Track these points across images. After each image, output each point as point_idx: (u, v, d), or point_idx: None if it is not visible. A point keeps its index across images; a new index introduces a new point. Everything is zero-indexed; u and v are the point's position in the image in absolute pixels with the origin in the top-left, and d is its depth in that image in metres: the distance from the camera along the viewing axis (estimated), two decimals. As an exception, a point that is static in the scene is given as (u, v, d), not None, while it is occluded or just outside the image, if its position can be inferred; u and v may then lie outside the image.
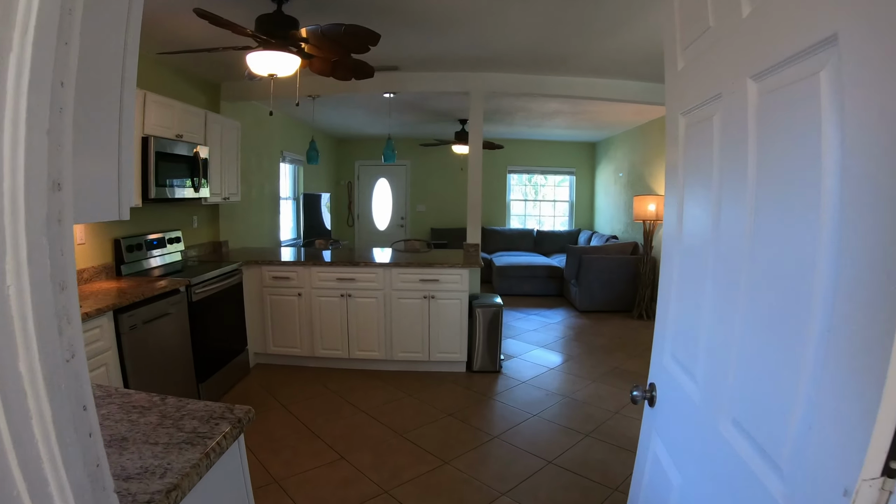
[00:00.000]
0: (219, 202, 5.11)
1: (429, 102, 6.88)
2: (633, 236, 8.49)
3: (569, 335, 6.52)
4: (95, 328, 2.92)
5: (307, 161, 6.30)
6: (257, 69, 3.11)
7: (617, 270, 7.65)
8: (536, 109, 7.32)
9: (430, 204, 11.34)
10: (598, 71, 5.09)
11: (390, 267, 4.87)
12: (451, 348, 4.97)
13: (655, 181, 7.70)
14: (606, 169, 10.28)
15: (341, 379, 4.82)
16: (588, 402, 4.38)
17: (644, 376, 4.71)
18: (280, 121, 7.62)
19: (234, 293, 4.66)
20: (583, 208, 11.22)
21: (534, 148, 10.98)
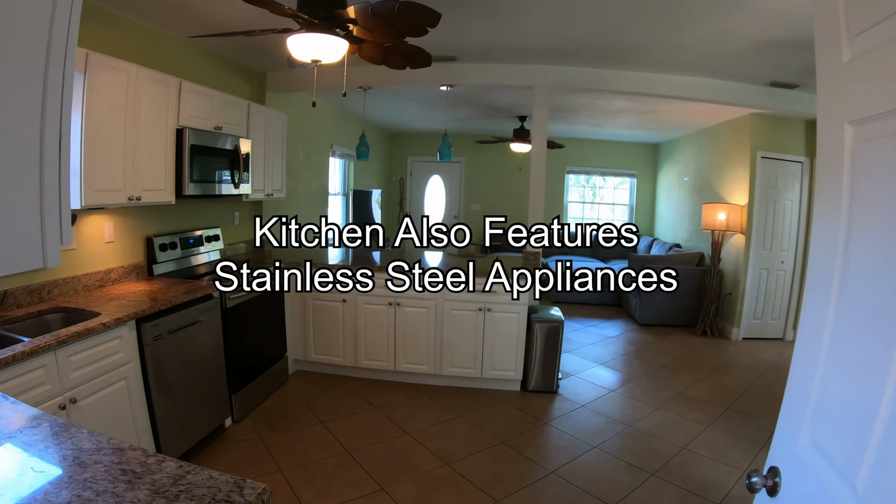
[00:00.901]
0: (261, 199, 4.85)
1: (487, 97, 6.49)
2: (697, 245, 7.92)
3: (629, 352, 6.04)
4: (114, 339, 2.67)
5: (357, 157, 6.02)
6: (299, 54, 2.78)
7: (681, 283, 7.11)
8: (602, 107, 6.83)
9: (485, 203, 10.94)
10: (674, 67, 4.59)
11: (444, 275, 4.51)
12: (506, 365, 4.58)
13: (725, 188, 7.14)
14: (670, 172, 9.69)
15: (385, 393, 4.49)
16: (652, 434, 3.92)
17: (713, 403, 4.21)
18: (330, 113, 7.37)
19: (275, 298, 4.39)
20: (643, 212, 10.65)
21: (594, 148, 10.47)
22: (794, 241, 6.67)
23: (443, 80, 5.01)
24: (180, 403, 3.17)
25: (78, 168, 2.82)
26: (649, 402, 4.53)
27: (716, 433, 3.98)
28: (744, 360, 5.82)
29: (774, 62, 4.20)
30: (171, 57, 3.97)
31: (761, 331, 6.77)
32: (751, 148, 6.45)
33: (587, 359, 5.68)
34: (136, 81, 3.14)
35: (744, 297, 6.62)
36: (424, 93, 6.27)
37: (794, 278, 6.72)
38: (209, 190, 3.87)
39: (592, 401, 4.53)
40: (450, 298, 4.53)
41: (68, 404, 2.39)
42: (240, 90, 4.94)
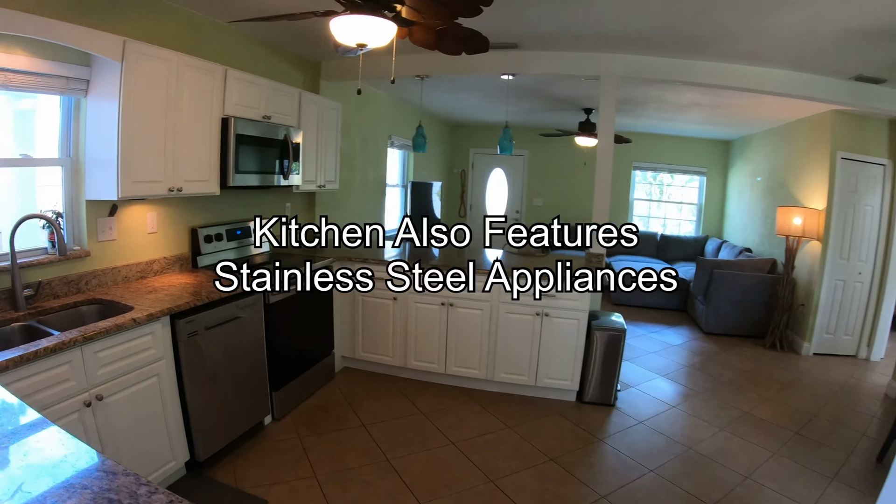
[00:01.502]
0: (313, 190, 4.76)
1: (551, 88, 6.18)
2: (769, 251, 7.35)
3: (693, 363, 5.64)
4: (146, 335, 2.59)
5: (413, 148, 5.85)
6: (343, 38, 2.61)
7: (751, 290, 6.64)
8: (671, 100, 6.39)
9: (548, 198, 10.62)
10: (751, 57, 4.17)
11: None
12: (562, 374, 4.32)
13: (801, 190, 6.57)
14: (741, 171, 9.08)
15: (433, 397, 4.32)
16: (714, 459, 3.58)
17: (780, 426, 3.77)
18: (388, 103, 7.24)
19: (322, 293, 4.28)
20: (712, 213, 10.04)
21: (662, 143, 9.95)
22: (873, 251, 6.08)
23: (503, 69, 4.76)
24: (216, 401, 3.09)
25: (114, 159, 2.76)
26: (712, 422, 4.17)
27: (782, 462, 3.60)
28: (814, 379, 5.33)
29: (862, 54, 3.75)
30: (217, 45, 3.89)
31: (833, 347, 6.21)
32: (830, 148, 5.90)
33: (648, 368, 5.34)
34: (178, 70, 3.06)
35: (817, 309, 6.07)
36: (485, 82, 6.02)
37: (872, 291, 6.13)
38: (256, 181, 3.78)
39: (651, 417, 4.22)
40: (505, 301, 4.30)
41: (94, 401, 2.33)
42: (293, 79, 4.86)
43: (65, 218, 2.97)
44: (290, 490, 2.97)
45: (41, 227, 2.83)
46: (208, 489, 2.91)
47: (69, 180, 2.98)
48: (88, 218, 3.03)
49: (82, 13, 2.80)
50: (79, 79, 2.86)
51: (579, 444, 3.69)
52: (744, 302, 6.68)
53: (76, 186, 3.00)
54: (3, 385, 1.93)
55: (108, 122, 2.79)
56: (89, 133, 2.92)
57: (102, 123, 2.84)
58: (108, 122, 2.79)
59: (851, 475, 3.48)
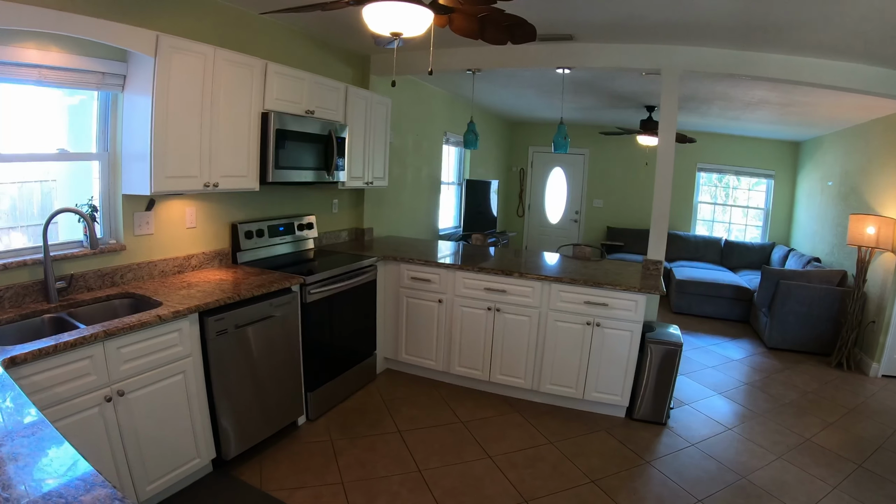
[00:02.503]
0: (360, 187, 4.72)
1: (610, 83, 5.93)
2: (839, 261, 6.82)
3: (753, 380, 5.27)
4: (172, 332, 2.58)
5: (464, 145, 5.74)
6: (377, 27, 2.51)
7: (819, 304, 6.16)
8: (738, 97, 6.01)
9: (609, 199, 10.30)
10: (825, 49, 3.84)
11: (550, 282, 4.10)
12: (612, 389, 4.11)
13: (876, 197, 6.05)
14: (811, 175, 8.49)
15: (475, 405, 4.19)
16: (768, 491, 3.27)
17: (842, 458, 3.47)
18: (442, 99, 7.15)
19: (366, 292, 4.23)
20: (779, 219, 9.46)
21: (728, 144, 9.47)
22: None
23: (557, 62, 4.56)
24: (245, 401, 3.07)
25: (147, 154, 2.77)
26: (769, 448, 3.86)
27: (842, 498, 3.26)
28: (882, 405, 4.88)
29: None
30: (262, 40, 3.88)
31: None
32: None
33: (705, 384, 5.03)
34: (215, 64, 3.05)
35: (889, 327, 5.52)
36: (541, 77, 5.83)
37: None
38: (298, 177, 3.76)
39: (704, 439, 3.94)
40: (555, 308, 4.12)
41: (115, 396, 2.33)
42: (341, 74, 4.82)
43: (101, 212, 3.01)
44: (314, 496, 2.91)
45: (77, 221, 2.88)
46: (231, 489, 2.89)
47: (106, 175, 3.02)
48: (125, 212, 3.06)
49: (123, 11, 2.83)
50: (115, 74, 2.88)
51: (624, 466, 3.48)
52: (810, 316, 6.24)
53: (113, 181, 3.03)
54: (21, 378, 1.95)
55: (142, 117, 2.81)
56: (125, 128, 2.95)
57: (137, 118, 2.86)
58: (142, 118, 2.81)
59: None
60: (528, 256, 5.10)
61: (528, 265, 4.52)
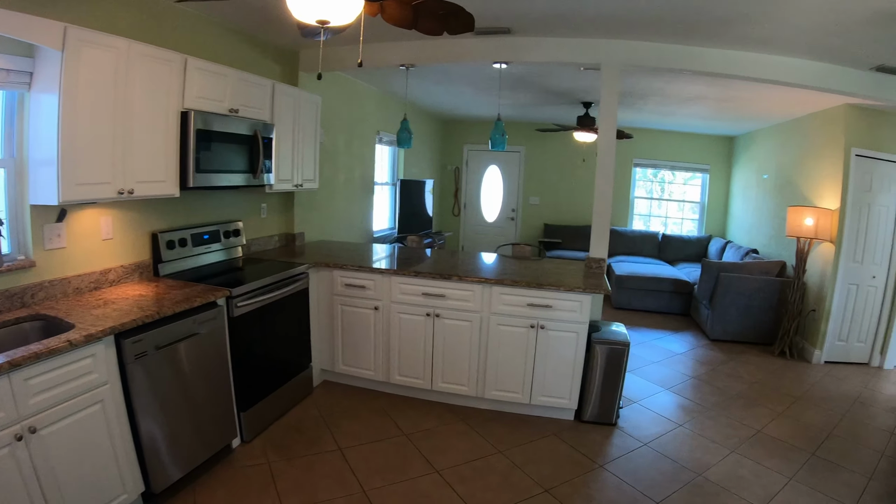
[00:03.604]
0: (290, 189, 4.55)
1: (546, 79, 5.98)
2: (776, 252, 7.18)
3: (699, 373, 5.44)
4: (85, 358, 2.37)
5: (398, 144, 5.63)
6: (302, 14, 2.36)
7: (759, 294, 6.48)
8: (675, 93, 6.20)
9: (545, 196, 10.45)
10: (767, 44, 3.98)
11: (491, 285, 4.07)
12: (559, 392, 4.11)
13: (812, 189, 6.39)
14: (746, 168, 8.93)
15: (418, 416, 4.11)
16: (725, 487, 3.36)
17: (795, 447, 3.52)
18: (374, 97, 7.03)
19: (298, 302, 4.08)
20: (715, 212, 9.93)
21: (663, 139, 9.81)
22: (888, 254, 5.91)
23: (494, 56, 4.53)
24: (173, 428, 2.87)
25: (55, 159, 2.54)
26: (722, 443, 3.97)
27: (799, 489, 3.40)
28: (827, 391, 5.16)
29: (886, 41, 3.56)
30: (182, 34, 3.67)
31: (846, 354, 6.06)
32: (844, 144, 5.71)
33: (651, 381, 5.14)
34: (129, 58, 2.83)
35: (829, 315, 5.90)
36: (477, 72, 5.81)
37: (886, 296, 5.97)
38: (222, 181, 3.57)
39: (656, 437, 4.01)
40: (496, 312, 4.09)
41: (26, 434, 2.11)
42: (268, 70, 4.64)
43: (6, 224, 2.75)
44: (252, 527, 2.77)
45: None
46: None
47: (13, 183, 2.76)
48: (34, 224, 2.81)
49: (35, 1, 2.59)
50: (21, 71, 2.64)
51: (577, 472, 3.47)
52: (751, 307, 6.53)
53: (20, 190, 2.77)
54: None
55: (49, 118, 2.57)
56: (32, 131, 2.70)
57: (44, 120, 2.61)
58: (49, 119, 2.57)
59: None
60: (467, 258, 5.06)
61: (467, 267, 4.48)
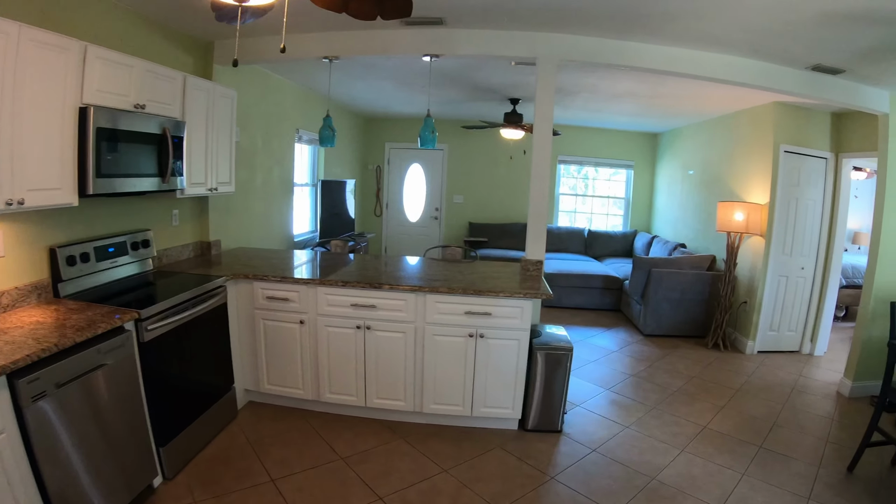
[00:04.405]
0: (203, 194, 4.17)
1: (476, 75, 5.83)
2: (705, 246, 7.41)
3: (638, 371, 5.48)
4: (-32, 404, 1.99)
5: (320, 142, 5.31)
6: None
7: (691, 289, 6.67)
8: (606, 90, 6.21)
9: (469, 195, 10.36)
10: (707, 41, 3.98)
11: (425, 293, 3.86)
12: (502, 402, 3.96)
13: (741, 185, 6.62)
14: (671, 164, 9.21)
15: (354, 436, 3.84)
16: (681, 489, 3.34)
17: (742, 441, 3.57)
18: (295, 93, 6.67)
19: (216, 318, 3.72)
20: (640, 207, 10.23)
21: (588, 136, 9.97)
22: (815, 245, 6.24)
23: (426, 49, 4.31)
24: (84, 472, 2.49)
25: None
26: (670, 443, 3.97)
27: (753, 483, 3.44)
28: (765, 381, 5.35)
29: (829, 41, 3.62)
30: (87, 20, 3.26)
31: (777, 343, 6.35)
32: (773, 141, 5.95)
33: (591, 381, 5.11)
34: (19, 45, 2.41)
35: (761, 306, 6.16)
36: (403, 68, 5.59)
37: (815, 286, 6.31)
38: (127, 186, 3.17)
39: (604, 442, 3.95)
40: (432, 322, 3.88)
41: None
42: (180, 62, 4.24)
43: None
44: (177, 584, 2.45)
45: None
46: None
47: None
48: None
49: None
50: None
51: (529, 486, 3.32)
52: (683, 301, 6.67)
53: None
54: None
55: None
56: None
57: None
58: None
59: (826, 493, 3.37)
60: (396, 263, 4.83)
61: (398, 274, 4.27)
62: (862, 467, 3.69)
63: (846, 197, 6.17)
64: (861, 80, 4.52)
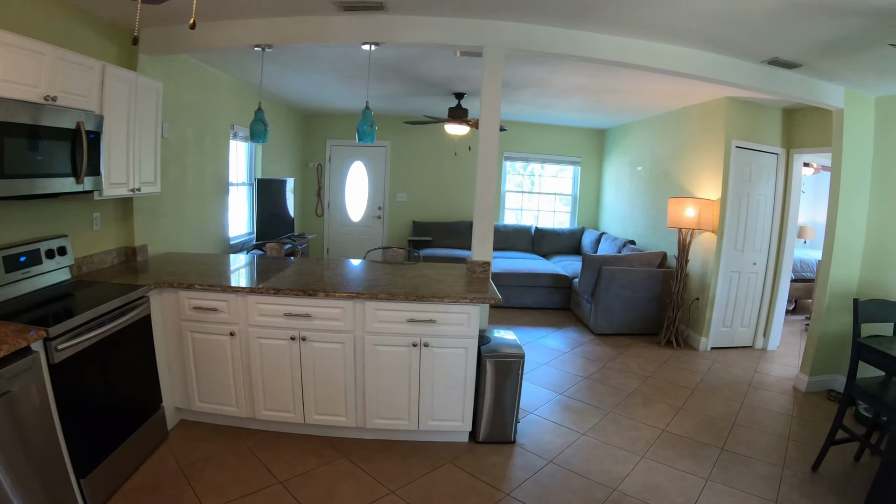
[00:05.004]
0: (125, 195, 3.82)
1: (418, 67, 5.63)
2: (655, 243, 7.47)
3: (591, 373, 5.40)
4: None
5: (251, 137, 4.94)
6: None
7: (642, 286, 6.68)
8: (555, 84, 6.11)
9: (413, 193, 10.16)
10: (664, 31, 3.90)
11: (364, 300, 3.63)
12: (451, 414, 3.79)
13: (691, 180, 6.67)
14: (618, 161, 9.28)
15: (293, 456, 3.58)
16: (644, 500, 3.25)
17: (703, 443, 3.69)
18: (229, 86, 6.32)
19: (139, 332, 3.40)
20: (587, 204, 10.30)
21: (534, 132, 9.93)
22: (766, 241, 6.34)
23: (365, 37, 4.07)
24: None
25: None
26: (630, 449, 3.89)
27: (717, 489, 3.38)
28: (720, 378, 5.39)
29: (789, 32, 3.59)
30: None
31: (730, 339, 6.44)
32: (725, 136, 5.99)
33: (543, 385, 5.00)
34: None
35: (713, 302, 6.21)
36: (342, 58, 5.34)
37: (767, 281, 6.41)
38: (35, 188, 2.82)
39: (561, 451, 3.82)
40: (372, 331, 3.66)
41: None
42: (101, 51, 3.88)
43: None
44: None
45: None
46: None
47: None
48: None
49: None
50: None
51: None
52: (635, 299, 6.67)
53: None
54: None
55: None
56: None
57: None
58: None
59: (794, 495, 3.36)
60: (334, 267, 4.60)
61: (335, 280, 4.04)
62: (826, 465, 3.72)
63: (797, 192, 6.30)
64: (817, 76, 4.56)
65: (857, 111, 4.87)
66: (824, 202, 9.20)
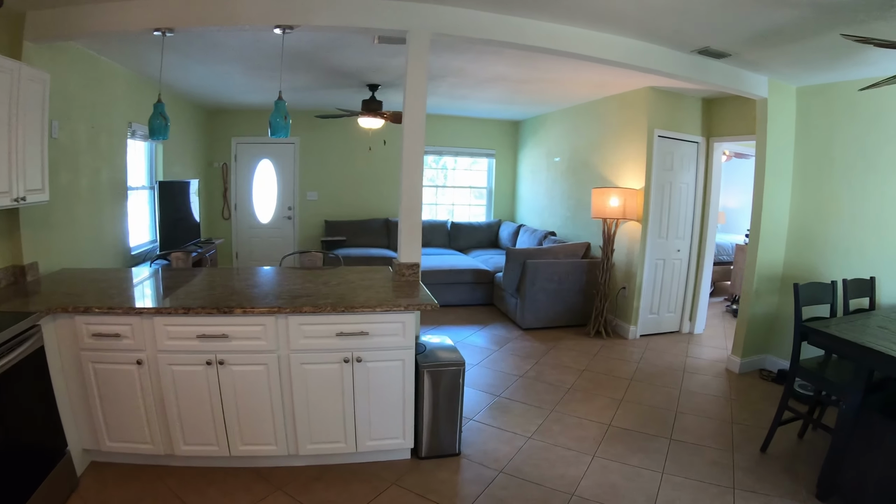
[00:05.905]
0: (7, 206, 3.27)
1: (332, 57, 5.30)
2: (575, 233, 7.51)
3: (525, 371, 5.28)
4: None
5: (150, 134, 4.37)
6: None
7: (568, 278, 6.67)
8: (475, 73, 5.94)
9: (324, 191, 9.76)
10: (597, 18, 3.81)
11: (286, 314, 3.28)
12: (391, 432, 3.53)
13: (612, 170, 6.72)
14: (534, 152, 9.29)
15: (222, 495, 3.17)
16: (603, 502, 3.13)
17: (651, 435, 3.65)
18: (127, 80, 5.73)
19: (32, 368, 2.89)
20: (503, 196, 10.28)
21: (447, 125, 9.76)
22: (689, 227, 6.49)
23: (278, 18, 3.67)
24: None
25: None
26: (579, 449, 3.78)
27: (674, 482, 3.33)
28: (654, 366, 5.44)
29: (724, 22, 3.58)
30: None
31: (658, 326, 6.56)
32: (647, 125, 6.05)
33: (478, 388, 4.82)
34: None
35: (640, 290, 6.29)
36: (250, 46, 4.91)
37: (691, 267, 6.57)
38: None
39: (510, 459, 3.64)
40: (298, 349, 3.32)
41: None
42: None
43: None
44: None
45: None
46: None
47: None
48: None
49: None
50: None
51: (431, 531, 2.93)
52: (561, 291, 6.66)
53: None
54: None
55: None
56: None
57: None
58: None
59: (748, 478, 3.39)
60: (248, 277, 4.24)
61: (251, 293, 3.70)
62: (773, 445, 3.78)
63: (717, 179, 6.48)
64: (743, 66, 4.64)
65: (779, 100, 5.04)
66: (737, 188, 9.72)
